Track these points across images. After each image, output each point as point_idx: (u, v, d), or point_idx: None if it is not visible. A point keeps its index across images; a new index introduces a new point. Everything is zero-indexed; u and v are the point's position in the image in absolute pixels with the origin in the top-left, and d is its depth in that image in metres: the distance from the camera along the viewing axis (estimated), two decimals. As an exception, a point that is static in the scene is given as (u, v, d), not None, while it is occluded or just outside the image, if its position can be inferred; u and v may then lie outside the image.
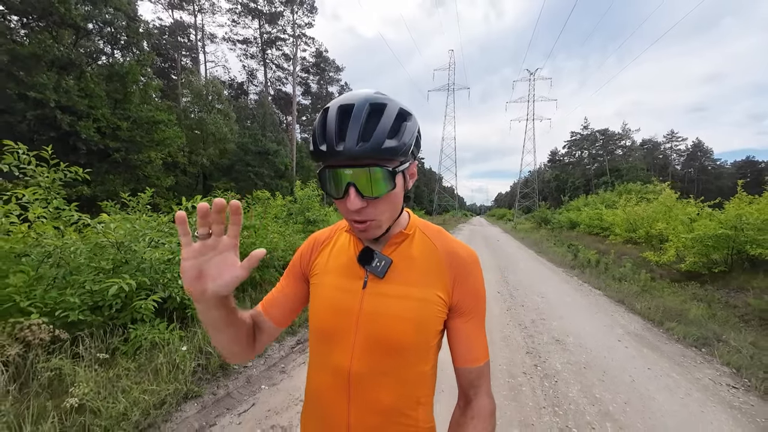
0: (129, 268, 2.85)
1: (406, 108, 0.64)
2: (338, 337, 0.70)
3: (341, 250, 0.78)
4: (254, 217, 4.60)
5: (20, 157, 3.24)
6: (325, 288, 0.74)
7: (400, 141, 0.60)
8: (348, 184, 0.60)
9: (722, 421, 2.45)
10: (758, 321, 4.88)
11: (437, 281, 0.71)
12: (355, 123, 0.58)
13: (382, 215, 0.65)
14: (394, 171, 0.61)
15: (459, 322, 0.71)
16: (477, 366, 0.70)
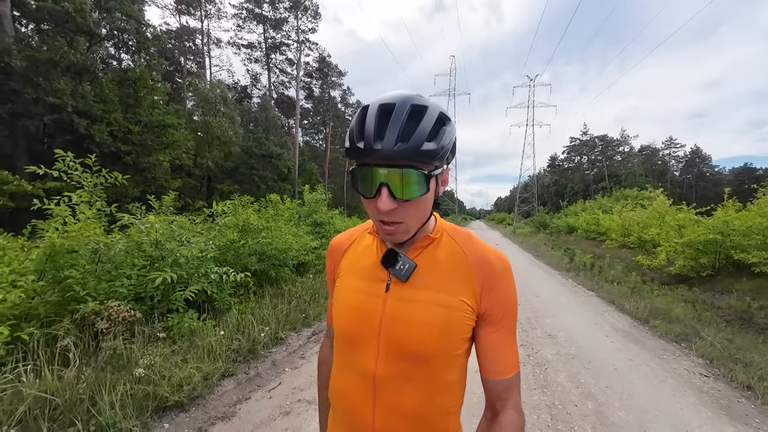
0: (165, 263, 3.20)
1: (446, 112, 0.63)
2: (361, 340, 0.69)
3: (365, 251, 0.77)
4: (268, 219, 4.96)
5: (68, 163, 3.61)
6: (347, 291, 0.74)
7: (439, 144, 0.59)
8: (381, 184, 0.59)
9: (690, 402, 2.80)
10: (739, 321, 5.23)
11: (464, 287, 0.69)
12: (396, 123, 0.57)
13: (412, 219, 0.64)
14: (429, 174, 0.60)
15: (487, 331, 0.69)
16: (505, 378, 0.68)
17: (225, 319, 3.27)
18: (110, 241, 3.12)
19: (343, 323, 0.72)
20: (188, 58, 29.05)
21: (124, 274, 2.99)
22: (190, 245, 3.66)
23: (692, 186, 65.70)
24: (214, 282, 3.33)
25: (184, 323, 2.96)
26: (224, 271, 3.29)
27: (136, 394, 2.15)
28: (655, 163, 64.81)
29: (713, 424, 2.51)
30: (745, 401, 2.87)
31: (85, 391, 2.02)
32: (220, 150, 21.06)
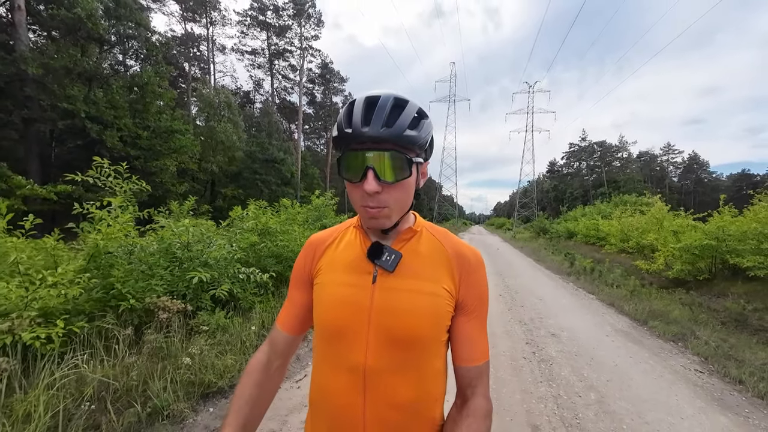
0: (195, 264, 3.43)
1: (424, 110, 0.68)
2: (350, 334, 0.69)
3: (348, 246, 0.78)
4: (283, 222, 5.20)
5: (102, 171, 3.86)
6: (332, 285, 0.74)
7: (419, 133, 0.65)
8: (367, 167, 0.62)
9: (685, 394, 3.01)
10: (734, 323, 5.45)
11: (445, 276, 0.72)
12: (381, 111, 0.62)
13: (395, 203, 0.66)
14: (411, 160, 0.64)
15: (462, 320, 0.73)
16: (476, 365, 0.72)
17: (250, 316, 3.49)
18: (145, 243, 3.35)
19: (329, 318, 0.72)
20: (192, 63, 29.45)
21: (158, 273, 3.21)
22: (212, 248, 3.89)
23: (690, 192, 66.10)
24: (240, 282, 3.55)
25: (213, 320, 3.18)
26: (250, 272, 3.51)
27: (182, 381, 2.37)
28: (654, 169, 65.28)
29: (706, 412, 2.73)
30: (736, 394, 3.08)
31: (137, 378, 2.23)
32: (224, 155, 21.34)
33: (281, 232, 4.72)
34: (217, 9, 27.97)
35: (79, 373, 2.10)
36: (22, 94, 10.77)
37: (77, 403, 1.95)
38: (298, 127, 32.25)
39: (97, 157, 3.72)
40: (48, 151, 13.21)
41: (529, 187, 52.48)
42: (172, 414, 2.09)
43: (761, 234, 6.43)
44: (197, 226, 3.75)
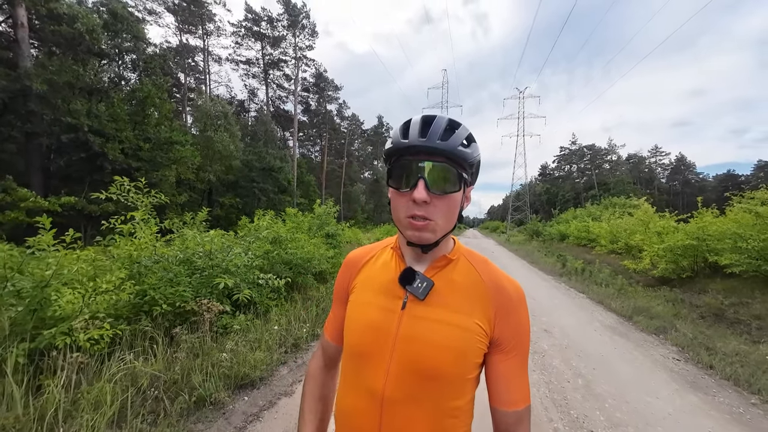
0: (217, 271, 3.73)
1: (474, 137, 0.70)
2: (373, 358, 0.68)
3: (383, 267, 0.78)
4: (292, 231, 5.52)
5: (123, 187, 4.17)
6: (363, 305, 0.74)
7: (471, 152, 0.67)
8: (419, 176, 0.63)
9: (662, 378, 3.38)
10: (712, 317, 5.87)
11: (479, 311, 0.69)
12: (437, 127, 0.65)
13: (440, 218, 0.66)
14: (462, 175, 0.66)
15: (499, 359, 0.69)
16: (515, 410, 0.68)
17: (268, 318, 3.79)
18: (171, 253, 3.65)
19: (355, 339, 0.72)
20: (188, 74, 29.71)
21: (184, 281, 3.51)
22: (232, 256, 4.20)
23: (679, 192, 67.57)
24: (257, 287, 3.85)
25: (235, 322, 3.48)
26: (268, 278, 3.82)
27: (219, 374, 2.67)
28: (642, 171, 66.68)
29: (679, 393, 3.09)
30: (707, 377, 3.46)
31: (180, 372, 2.53)
32: (222, 164, 21.59)
33: (290, 240, 5.04)
34: (212, 20, 28.33)
35: (132, 368, 2.40)
36: (26, 108, 10.98)
37: (134, 394, 2.25)
38: (293, 136, 32.58)
39: (117, 177, 4.00)
40: (47, 164, 13.36)
41: (521, 191, 53.28)
42: (215, 402, 2.40)
43: (736, 234, 6.89)
44: (221, 237, 4.05)
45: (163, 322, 3.21)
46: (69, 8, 12.00)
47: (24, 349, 2.29)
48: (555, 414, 2.68)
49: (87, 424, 1.90)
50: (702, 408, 2.86)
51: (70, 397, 2.07)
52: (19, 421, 1.86)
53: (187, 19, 27.05)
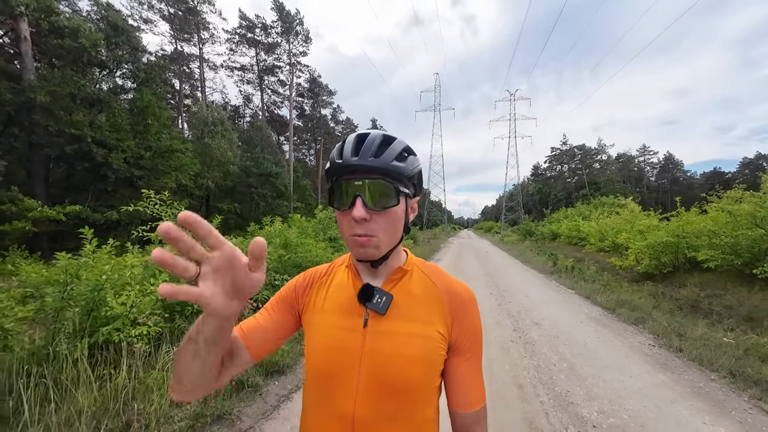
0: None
1: (411, 147, 0.73)
2: (339, 379, 0.68)
3: (339, 287, 0.77)
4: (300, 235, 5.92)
5: (149, 200, 4.54)
6: (323, 327, 0.73)
7: (405, 165, 0.69)
8: (356, 195, 0.65)
9: (636, 361, 3.84)
10: (688, 308, 6.38)
11: (437, 318, 0.71)
12: (369, 144, 0.67)
13: (383, 233, 0.67)
14: (398, 189, 0.67)
15: (455, 362, 0.71)
16: (473, 410, 0.70)
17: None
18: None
19: (319, 361, 0.71)
20: (183, 81, 29.91)
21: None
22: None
23: (667, 190, 69.03)
24: (274, 288, 4.24)
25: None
26: (284, 278, 4.21)
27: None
28: (632, 169, 68.09)
29: (650, 373, 3.55)
30: (676, 359, 3.93)
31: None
32: (219, 170, 21.87)
33: (299, 245, 5.43)
34: (207, 28, 28.61)
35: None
36: (30, 120, 11.22)
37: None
38: (288, 141, 32.90)
39: (145, 190, 4.37)
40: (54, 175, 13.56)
41: (514, 191, 54.12)
42: (252, 385, 2.79)
43: (711, 231, 7.44)
44: (240, 243, 4.44)
45: (193, 321, 3.59)
46: (68, 20, 12.28)
47: (86, 343, 2.67)
48: (542, 391, 3.12)
49: (155, 402, 2.29)
50: (668, 384, 3.32)
51: (132, 382, 2.45)
52: (96, 402, 2.24)
53: (182, 27, 27.29)
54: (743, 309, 5.75)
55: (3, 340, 2.42)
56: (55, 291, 2.90)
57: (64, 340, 2.58)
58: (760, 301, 5.85)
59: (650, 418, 2.69)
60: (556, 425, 2.57)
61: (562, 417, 2.69)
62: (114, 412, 2.18)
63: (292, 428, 2.44)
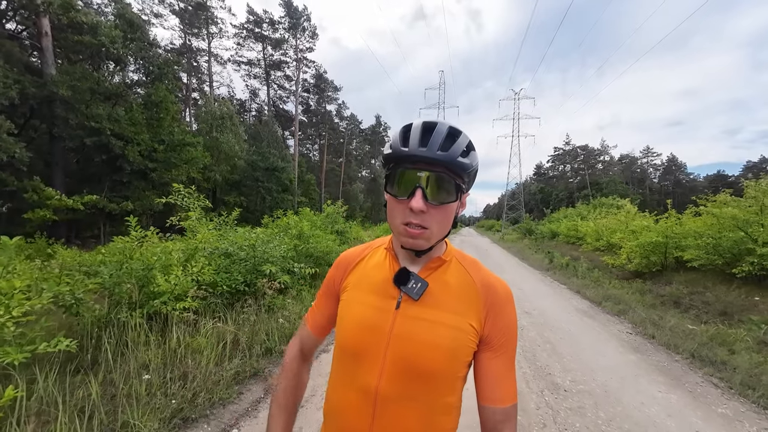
0: (260, 260, 4.61)
1: (473, 144, 0.71)
2: (367, 356, 0.70)
3: (376, 267, 0.79)
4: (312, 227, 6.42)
5: (180, 193, 5.03)
6: (356, 304, 0.76)
7: (470, 162, 0.68)
8: (417, 186, 0.65)
9: (613, 345, 4.33)
10: (671, 303, 6.85)
11: (471, 311, 0.72)
12: (438, 135, 0.66)
13: (436, 226, 0.68)
14: (459, 185, 0.67)
15: (487, 356, 0.72)
16: (503, 407, 0.70)
17: (301, 298, 4.69)
18: (222, 246, 4.54)
19: (349, 336, 0.74)
20: (191, 75, 30.33)
21: (236, 269, 4.40)
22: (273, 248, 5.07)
23: (670, 192, 69.11)
24: (290, 274, 4.74)
25: (276, 302, 4.37)
26: (301, 266, 4.71)
27: (279, 334, 3.57)
28: (635, 171, 68.18)
29: (623, 354, 4.04)
30: (648, 344, 4.42)
31: (249, 332, 3.43)
32: (227, 163, 22.39)
33: (311, 236, 5.94)
34: (215, 23, 28.97)
35: (217, 328, 3.29)
36: (51, 113, 11.73)
37: (223, 346, 3.14)
38: (293, 135, 33.35)
39: (176, 184, 4.87)
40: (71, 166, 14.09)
41: (516, 190, 54.41)
42: (278, 351, 3.30)
43: (695, 232, 7.89)
44: (261, 233, 4.94)
45: (222, 300, 4.10)
46: (85, 16, 12.73)
47: (141, 313, 3.18)
48: (525, 364, 3.61)
49: (202, 360, 2.80)
50: (636, 363, 3.81)
51: (181, 345, 2.96)
52: (157, 356, 2.75)
53: (191, 21, 27.67)
54: (719, 304, 6.22)
55: (76, 307, 2.93)
56: (111, 269, 3.41)
57: (125, 309, 3.10)
58: (734, 297, 6.32)
59: (614, 387, 3.19)
60: (534, 389, 3.07)
61: (539, 383, 3.19)
62: (171, 366, 2.68)
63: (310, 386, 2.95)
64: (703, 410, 2.86)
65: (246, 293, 4.29)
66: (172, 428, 2.12)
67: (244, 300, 4.08)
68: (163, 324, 3.21)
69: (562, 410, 2.76)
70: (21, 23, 13.24)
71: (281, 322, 3.63)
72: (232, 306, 3.97)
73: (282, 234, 5.59)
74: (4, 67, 9.88)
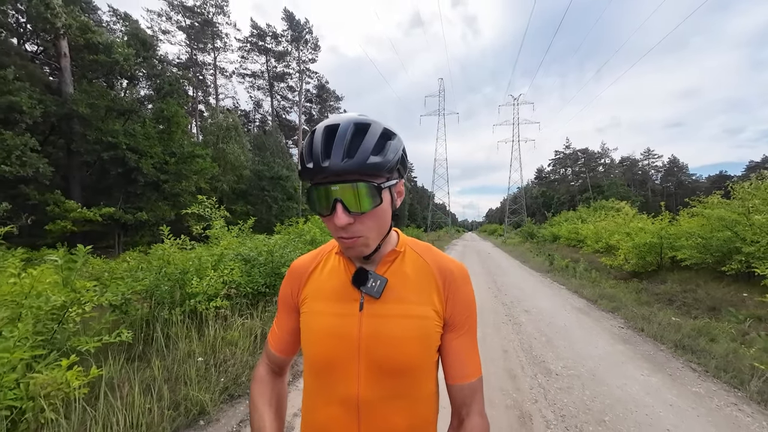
0: (276, 264, 5.04)
1: (390, 128, 0.66)
2: (340, 366, 0.69)
3: (332, 273, 0.77)
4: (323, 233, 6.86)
5: (204, 204, 5.49)
6: (318, 315, 0.73)
7: (385, 158, 0.62)
8: (335, 200, 0.61)
9: (605, 338, 4.70)
10: (665, 300, 7.20)
11: (432, 296, 0.73)
12: (340, 141, 0.60)
13: (370, 232, 0.66)
14: (380, 186, 0.62)
15: (451, 336, 0.73)
16: (469, 382, 0.72)
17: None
18: (243, 251, 4.98)
19: (317, 350, 0.71)
20: (196, 88, 31.17)
21: (257, 272, 4.83)
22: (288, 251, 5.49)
23: (672, 194, 69.16)
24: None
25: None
26: (315, 269, 5.11)
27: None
28: (636, 173, 68.41)
29: (613, 345, 4.41)
30: (637, 336, 4.78)
31: (273, 328, 3.85)
32: (233, 173, 22.97)
33: (323, 241, 6.37)
34: (221, 37, 29.85)
35: (245, 324, 3.71)
36: (70, 129, 12.32)
37: (252, 337, 3.56)
38: (297, 145, 34.00)
39: (201, 196, 5.32)
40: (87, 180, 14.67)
41: (518, 194, 54.78)
42: (300, 344, 3.71)
43: (687, 233, 8.26)
44: (280, 239, 5.38)
45: (247, 300, 4.52)
46: (100, 36, 13.40)
47: (180, 311, 3.61)
48: (521, 354, 4.00)
49: (237, 350, 3.22)
50: (624, 352, 4.18)
51: (217, 338, 3.38)
52: (199, 347, 3.17)
53: (197, 37, 28.55)
54: (709, 301, 6.57)
55: (125, 306, 3.36)
56: (150, 274, 3.85)
57: (166, 307, 3.53)
58: (723, 294, 6.67)
59: (601, 371, 3.56)
60: (528, 372, 3.46)
61: (533, 368, 3.57)
62: (212, 354, 3.10)
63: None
64: (679, 389, 3.23)
65: (267, 294, 4.71)
66: (222, 401, 2.53)
67: (266, 300, 4.50)
68: (199, 321, 3.63)
69: (553, 389, 3.14)
70: (41, 44, 13.95)
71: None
72: (256, 305, 4.39)
73: (296, 239, 6.03)
74: (30, 88, 10.47)
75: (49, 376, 2.09)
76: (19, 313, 2.41)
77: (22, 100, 9.89)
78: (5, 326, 2.25)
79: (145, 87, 17.00)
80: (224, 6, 28.77)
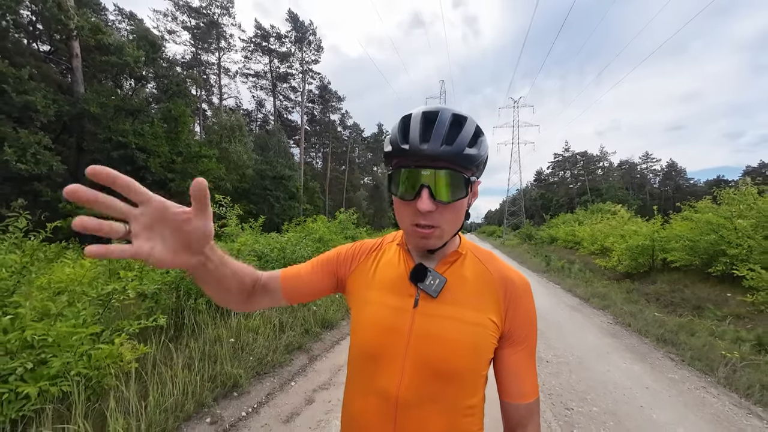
0: (288, 260, 5.38)
1: (481, 128, 0.66)
2: (386, 359, 0.68)
3: (389, 264, 0.76)
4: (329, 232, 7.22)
5: (221, 203, 5.82)
6: (372, 305, 0.72)
7: (479, 151, 0.63)
8: (422, 186, 0.60)
9: (594, 332, 5.06)
10: (653, 299, 7.57)
11: (491, 305, 0.69)
12: (440, 127, 0.60)
13: (447, 224, 0.65)
14: (469, 179, 0.62)
15: (509, 351, 0.70)
16: (527, 402, 0.69)
17: (325, 294, 5.47)
18: (257, 248, 5.32)
19: (367, 339, 0.71)
20: (200, 87, 31.49)
21: (270, 267, 5.17)
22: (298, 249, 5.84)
23: (670, 198, 69.65)
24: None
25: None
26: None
27: (313, 319, 4.33)
28: (634, 176, 68.89)
29: (600, 338, 4.77)
30: (625, 331, 5.14)
31: (289, 317, 4.19)
32: (236, 173, 23.30)
33: (329, 240, 6.72)
34: (225, 38, 30.18)
35: (264, 313, 4.06)
36: (81, 128, 12.65)
37: (271, 326, 3.90)
38: (298, 144, 34.34)
39: (219, 195, 5.66)
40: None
41: (517, 196, 55.17)
42: (314, 333, 4.06)
43: (677, 236, 8.63)
44: (291, 236, 5.73)
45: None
46: (110, 37, 13.72)
47: (204, 301, 3.95)
48: (516, 344, 4.35)
49: (258, 336, 3.57)
50: (610, 344, 4.54)
51: (240, 325, 3.73)
52: (227, 331, 3.52)
53: (202, 37, 28.87)
54: (695, 300, 6.94)
55: (157, 295, 3.70)
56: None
57: (193, 297, 3.88)
58: (708, 293, 7.04)
59: (588, 360, 3.92)
60: (521, 360, 3.81)
61: (526, 357, 3.93)
62: (238, 339, 3.45)
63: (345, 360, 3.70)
64: (657, 376, 3.59)
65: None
66: (253, 377, 2.89)
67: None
68: (222, 310, 3.97)
69: (543, 374, 3.50)
70: (53, 45, 14.27)
71: (314, 309, 4.40)
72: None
73: (305, 237, 6.38)
74: (45, 88, 10.79)
75: (108, 349, 2.44)
76: (74, 298, 2.76)
77: (37, 99, 10.21)
78: (66, 309, 2.61)
79: (152, 87, 17.30)
80: (230, 7, 29.14)
